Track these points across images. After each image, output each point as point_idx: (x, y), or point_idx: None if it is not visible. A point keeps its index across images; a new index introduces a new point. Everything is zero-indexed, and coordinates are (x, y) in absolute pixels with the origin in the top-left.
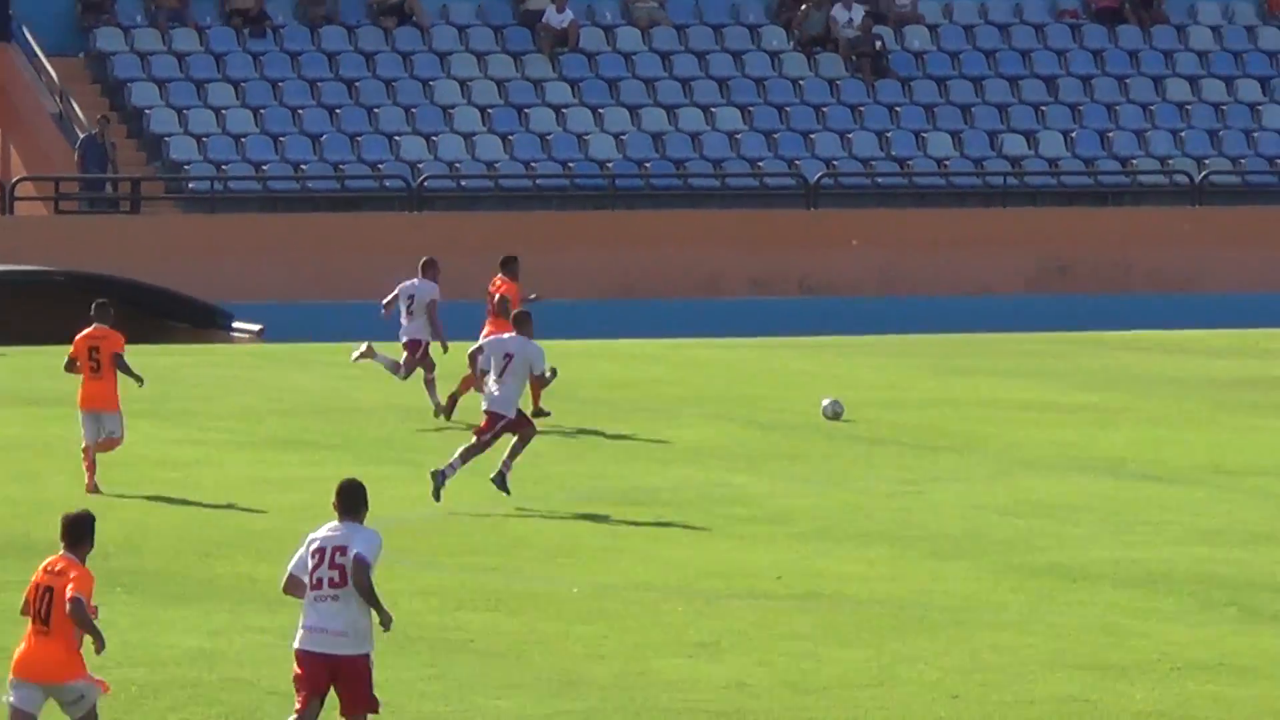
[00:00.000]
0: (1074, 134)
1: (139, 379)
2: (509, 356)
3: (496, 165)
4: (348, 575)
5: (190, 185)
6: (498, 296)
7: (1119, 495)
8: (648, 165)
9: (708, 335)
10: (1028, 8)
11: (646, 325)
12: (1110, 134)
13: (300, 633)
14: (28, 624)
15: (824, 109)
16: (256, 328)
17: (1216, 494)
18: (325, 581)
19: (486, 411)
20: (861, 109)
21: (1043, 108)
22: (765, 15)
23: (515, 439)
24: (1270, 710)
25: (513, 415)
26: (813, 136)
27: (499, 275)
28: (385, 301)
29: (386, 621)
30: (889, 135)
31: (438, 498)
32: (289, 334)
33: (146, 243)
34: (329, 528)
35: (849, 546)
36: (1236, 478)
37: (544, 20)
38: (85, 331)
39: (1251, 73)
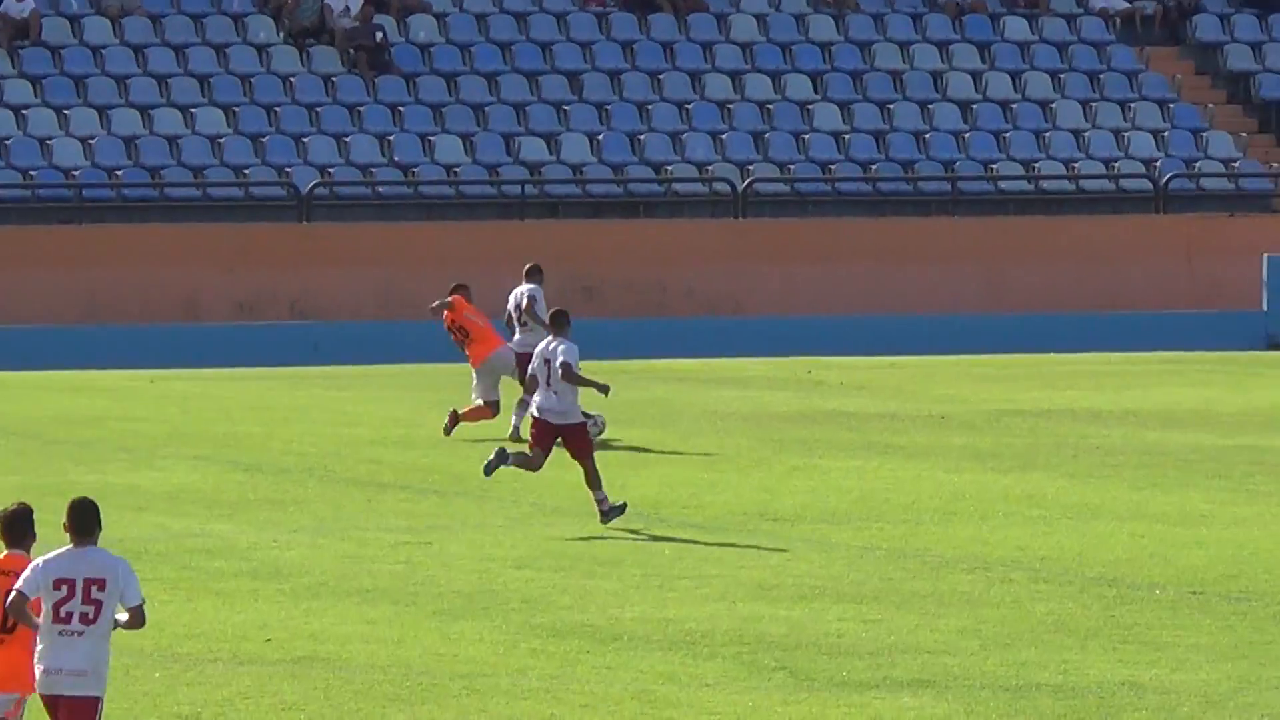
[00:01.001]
0: (601, 136)
1: None
2: (549, 362)
3: None
4: (102, 612)
5: None
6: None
7: (654, 546)
8: (119, 173)
9: (187, 365)
10: None
11: (117, 353)
12: (642, 136)
13: (39, 676)
14: None
15: (318, 109)
16: None
17: (765, 543)
18: (75, 616)
19: (538, 419)
20: (360, 109)
21: (565, 107)
22: (251, 3)
23: (581, 466)
24: None
25: (573, 421)
26: (305, 140)
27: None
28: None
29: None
30: (391, 139)
31: (488, 473)
32: None
33: None
34: (67, 553)
35: (348, 604)
36: (787, 525)
37: (1, 9)
38: None
39: (802, 67)
